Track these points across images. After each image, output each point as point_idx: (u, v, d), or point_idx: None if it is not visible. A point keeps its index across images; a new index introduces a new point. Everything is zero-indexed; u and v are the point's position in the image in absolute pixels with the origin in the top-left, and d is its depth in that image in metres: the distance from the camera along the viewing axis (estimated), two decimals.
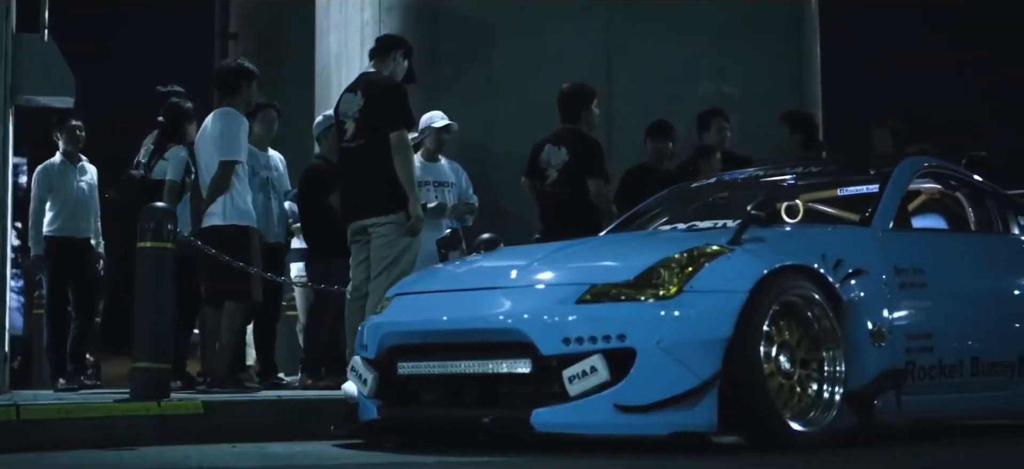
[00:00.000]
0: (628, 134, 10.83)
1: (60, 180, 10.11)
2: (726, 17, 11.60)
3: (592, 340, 5.52)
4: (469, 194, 10.18)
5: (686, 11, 11.50)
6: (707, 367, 5.47)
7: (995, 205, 7.38)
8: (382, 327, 6.24)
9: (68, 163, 10.15)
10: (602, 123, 10.78)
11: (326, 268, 9.32)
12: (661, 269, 5.67)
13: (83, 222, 10.18)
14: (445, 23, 11.14)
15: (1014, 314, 6.94)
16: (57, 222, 10.07)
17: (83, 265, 10.16)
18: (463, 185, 10.17)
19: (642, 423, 5.49)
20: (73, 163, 10.16)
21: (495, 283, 6.11)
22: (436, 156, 10.03)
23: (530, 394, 5.65)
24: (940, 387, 6.41)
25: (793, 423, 5.66)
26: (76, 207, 10.14)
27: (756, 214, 5.98)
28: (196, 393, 8.02)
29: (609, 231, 7.70)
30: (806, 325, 5.87)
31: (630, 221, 7.65)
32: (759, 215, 5.99)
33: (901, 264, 6.36)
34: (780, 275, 5.74)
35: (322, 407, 7.06)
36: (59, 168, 10.15)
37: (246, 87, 9.12)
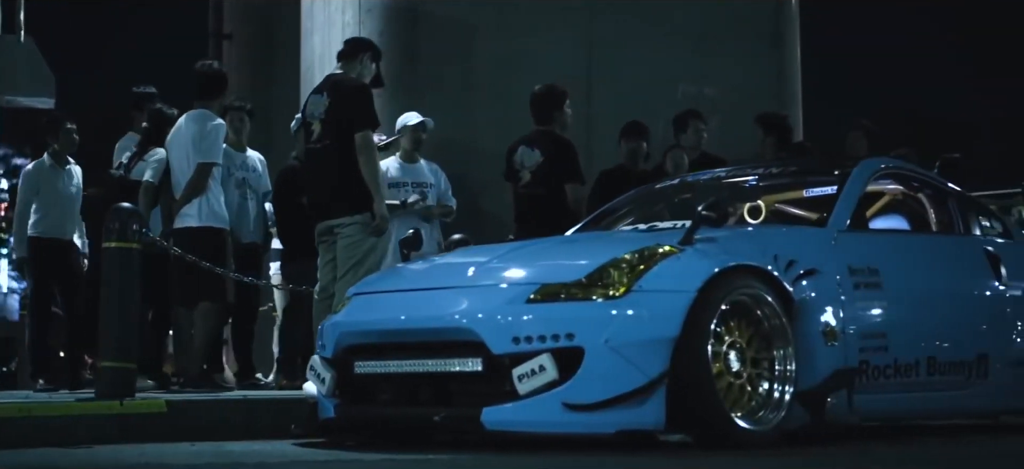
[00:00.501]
0: (608, 135, 10.85)
1: (48, 182, 10.16)
2: (706, 19, 11.65)
3: (541, 339, 5.57)
4: (448, 196, 10.24)
5: (666, 13, 11.56)
6: (654, 366, 5.52)
7: (957, 207, 7.42)
8: (339, 326, 6.30)
9: (56, 165, 10.20)
10: (582, 124, 10.86)
11: (301, 268, 9.36)
12: (611, 269, 5.72)
13: (69, 223, 10.23)
14: (425, 24, 11.20)
15: (971, 314, 6.99)
16: (42, 224, 10.12)
17: (68, 265, 10.22)
18: (442, 187, 10.22)
19: (590, 421, 5.54)
20: (61, 165, 10.21)
21: (450, 283, 6.16)
22: (414, 157, 10.09)
23: (481, 393, 5.71)
24: (895, 386, 6.46)
25: (742, 422, 5.71)
26: (62, 209, 10.20)
27: (706, 214, 6.03)
28: (164, 393, 8.08)
29: (574, 231, 7.74)
30: (757, 324, 5.92)
31: (596, 221, 7.70)
32: (709, 215, 6.03)
33: (856, 265, 6.40)
34: (729, 275, 5.79)
35: (287, 407, 7.11)
36: (48, 170, 10.20)
37: (221, 91, 9.21)
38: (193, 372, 8.79)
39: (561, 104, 9.44)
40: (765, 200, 6.86)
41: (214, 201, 8.88)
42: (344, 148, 7.81)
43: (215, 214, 8.87)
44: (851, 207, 6.73)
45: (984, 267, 7.18)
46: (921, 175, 7.56)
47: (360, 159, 7.77)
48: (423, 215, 9.80)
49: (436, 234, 10.05)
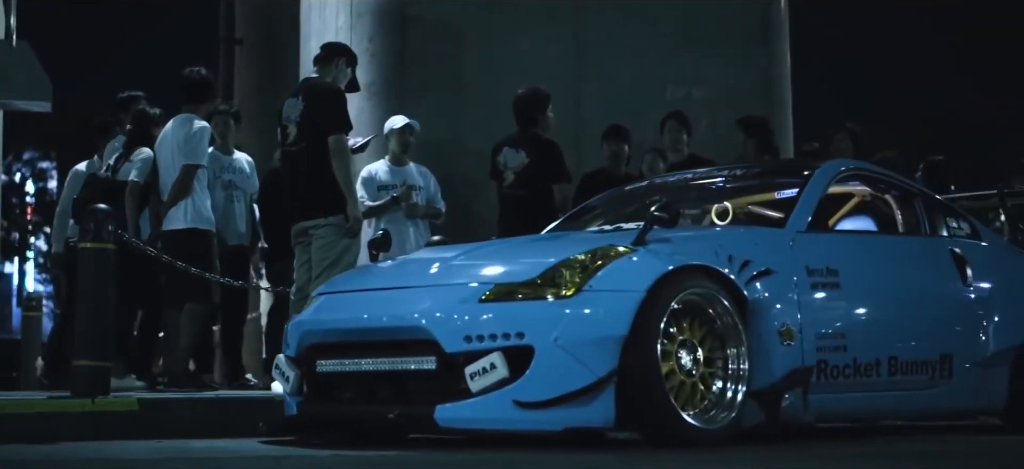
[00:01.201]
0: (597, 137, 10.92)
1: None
2: (694, 21, 11.71)
3: (492, 338, 5.66)
4: (437, 198, 10.34)
5: (654, 14, 11.62)
6: (603, 364, 5.61)
7: (923, 208, 7.48)
8: (302, 326, 6.41)
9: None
10: (571, 126, 10.95)
11: (285, 269, 9.47)
12: (563, 269, 5.81)
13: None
14: (414, 28, 11.30)
15: (935, 314, 7.05)
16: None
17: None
18: (432, 189, 10.33)
19: (540, 419, 5.63)
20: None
21: (409, 282, 6.26)
22: (403, 159, 10.19)
23: (435, 391, 5.80)
24: (855, 386, 6.53)
25: (691, 420, 5.79)
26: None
27: (659, 215, 6.11)
28: (145, 392, 8.20)
29: (546, 231, 7.83)
30: (710, 324, 6.00)
31: (568, 222, 7.79)
32: (661, 216, 6.11)
33: (814, 265, 6.47)
34: (679, 275, 5.87)
35: (258, 405, 7.21)
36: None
37: (211, 96, 9.34)
38: (177, 371, 8.91)
39: (544, 108, 9.55)
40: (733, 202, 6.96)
41: (199, 203, 9.01)
42: (318, 151, 7.93)
43: (200, 216, 9.00)
44: (811, 209, 6.79)
45: (949, 268, 7.24)
46: (887, 177, 7.62)
47: (333, 162, 7.89)
48: (408, 213, 9.90)
49: (425, 236, 10.14)
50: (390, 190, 10.06)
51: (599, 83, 11.44)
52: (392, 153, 10.18)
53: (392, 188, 10.08)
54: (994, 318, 7.26)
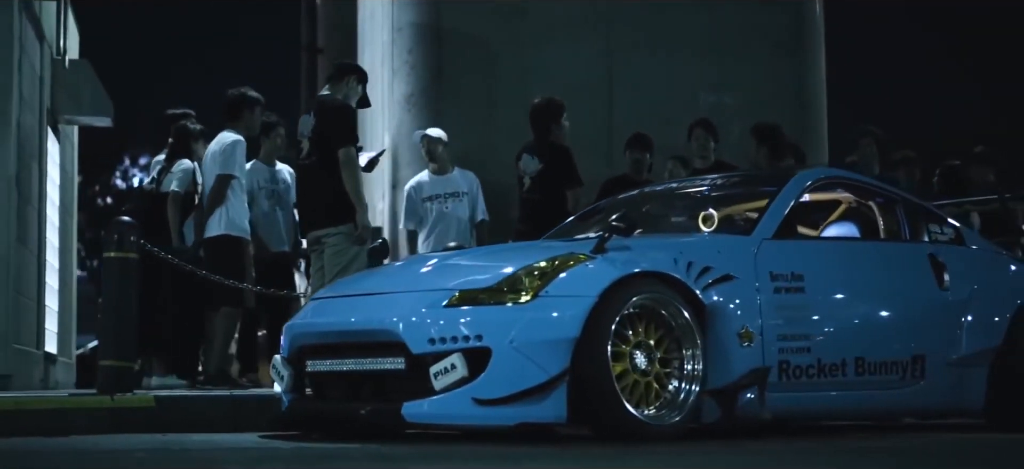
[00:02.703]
0: None
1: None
2: (725, 28, 12.02)
3: (454, 340, 6.09)
4: (479, 202, 10.74)
5: (685, 22, 11.95)
6: (555, 364, 6.00)
7: (905, 214, 7.75)
8: (295, 328, 6.89)
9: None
10: (603, 132, 11.39)
11: None
12: (523, 276, 6.22)
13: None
14: (450, 41, 11.75)
15: (908, 316, 7.32)
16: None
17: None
18: (474, 192, 10.75)
19: (496, 415, 6.04)
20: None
21: (389, 288, 6.71)
22: (446, 167, 10.63)
23: (404, 389, 6.23)
24: (819, 385, 6.84)
25: (642, 416, 6.15)
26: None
27: (617, 225, 6.50)
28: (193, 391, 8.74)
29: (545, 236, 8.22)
30: (667, 327, 6.36)
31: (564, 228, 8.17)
32: (620, 226, 6.50)
33: (778, 270, 6.80)
34: (632, 280, 6.24)
35: (268, 403, 7.69)
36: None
37: (247, 113, 9.90)
38: (211, 371, 9.46)
39: (558, 117, 9.98)
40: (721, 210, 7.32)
41: (234, 211, 9.55)
42: (329, 164, 8.42)
43: (234, 223, 9.54)
44: (779, 217, 7.10)
45: (926, 271, 7.50)
46: (867, 183, 7.92)
47: (343, 174, 8.38)
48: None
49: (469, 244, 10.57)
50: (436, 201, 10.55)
51: (630, 91, 11.80)
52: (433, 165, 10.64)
53: (435, 198, 10.57)
54: (972, 320, 7.51)
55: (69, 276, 12.85)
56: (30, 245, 10.29)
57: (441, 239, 10.21)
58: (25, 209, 10.10)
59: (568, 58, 11.71)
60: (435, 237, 10.33)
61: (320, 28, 20.57)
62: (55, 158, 11.90)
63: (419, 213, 10.56)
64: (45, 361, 11.12)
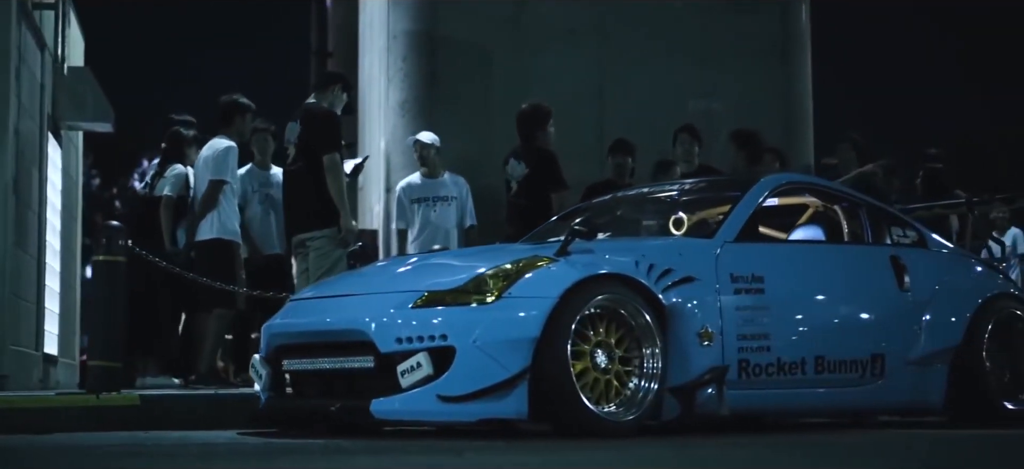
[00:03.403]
0: None
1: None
2: (715, 36, 12.25)
3: (420, 339, 6.34)
4: (469, 208, 10.99)
5: (676, 30, 12.18)
6: (516, 363, 6.24)
7: (868, 217, 7.98)
8: (272, 328, 7.14)
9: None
10: (595, 139, 11.60)
11: None
12: (488, 278, 6.46)
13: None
14: (444, 48, 11.99)
15: (867, 316, 7.56)
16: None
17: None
18: (464, 198, 11.00)
19: (459, 411, 6.28)
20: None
21: (361, 290, 6.97)
22: (436, 171, 10.88)
23: (374, 386, 6.47)
24: (779, 383, 7.08)
25: (601, 413, 6.38)
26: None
27: (579, 229, 6.74)
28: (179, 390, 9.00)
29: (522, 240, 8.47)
30: (628, 327, 6.59)
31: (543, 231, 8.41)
32: (582, 230, 6.74)
33: (738, 272, 7.03)
34: (592, 282, 6.48)
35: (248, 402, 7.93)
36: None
37: (239, 119, 10.17)
38: (202, 370, 9.73)
39: (545, 122, 10.24)
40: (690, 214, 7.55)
41: (225, 216, 9.83)
42: (314, 170, 8.69)
43: (226, 227, 9.82)
44: (742, 220, 7.34)
45: (887, 273, 7.72)
46: (831, 188, 8.15)
47: (327, 179, 8.65)
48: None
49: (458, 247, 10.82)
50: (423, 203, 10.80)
51: (621, 97, 12.03)
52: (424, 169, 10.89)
53: (423, 200, 10.82)
54: (932, 320, 7.73)
55: (72, 279, 13.14)
56: (29, 249, 10.56)
57: (428, 243, 10.47)
58: (25, 214, 10.38)
59: (561, 66, 11.95)
60: (421, 241, 10.58)
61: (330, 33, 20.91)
62: (57, 163, 12.19)
63: (408, 214, 10.81)
64: (45, 362, 11.38)
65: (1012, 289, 8.45)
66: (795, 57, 12.54)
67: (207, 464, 4.92)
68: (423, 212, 10.85)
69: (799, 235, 8.05)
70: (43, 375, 11.22)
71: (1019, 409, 7.95)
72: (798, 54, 12.59)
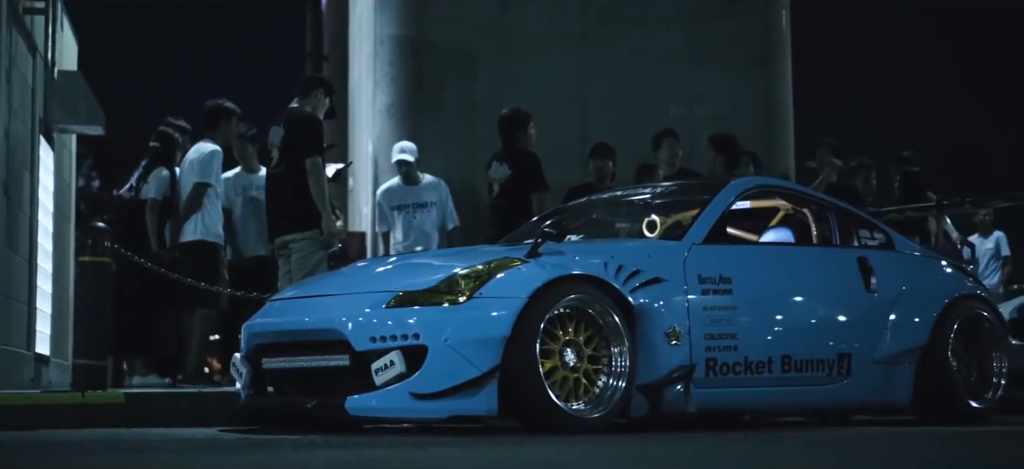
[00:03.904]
0: None
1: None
2: (697, 42, 12.46)
3: (393, 338, 6.53)
4: (449, 210, 11.18)
5: (658, 37, 12.41)
6: (487, 361, 6.44)
7: (836, 220, 8.17)
8: (252, 328, 7.33)
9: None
10: (578, 143, 11.79)
11: None
12: (460, 278, 6.65)
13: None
14: (430, 54, 12.23)
15: (834, 316, 7.76)
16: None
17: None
18: (443, 200, 11.18)
19: (432, 408, 6.48)
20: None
21: (338, 290, 7.16)
22: (413, 178, 11.07)
23: (349, 384, 6.66)
24: (746, 381, 7.27)
25: (569, 409, 6.57)
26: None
27: (549, 231, 6.92)
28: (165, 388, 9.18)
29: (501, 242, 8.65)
30: (597, 326, 6.78)
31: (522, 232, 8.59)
32: (551, 232, 6.93)
33: (706, 274, 7.22)
34: (562, 283, 6.67)
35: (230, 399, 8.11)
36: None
37: (224, 123, 10.37)
38: (188, 370, 9.93)
39: (525, 126, 10.45)
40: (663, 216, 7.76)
41: (209, 218, 10.03)
42: (297, 173, 8.89)
43: (209, 229, 10.03)
44: (710, 223, 7.53)
45: (854, 274, 7.92)
46: (801, 191, 8.35)
47: (310, 182, 8.84)
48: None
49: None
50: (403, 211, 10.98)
51: (605, 102, 12.27)
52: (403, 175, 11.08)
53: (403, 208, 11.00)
54: (899, 320, 7.93)
55: (65, 280, 13.32)
56: (20, 251, 10.75)
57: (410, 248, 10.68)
58: (16, 216, 10.56)
59: (545, 71, 12.17)
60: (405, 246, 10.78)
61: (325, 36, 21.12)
62: (49, 166, 12.37)
63: (389, 219, 11.01)
64: (37, 362, 11.56)
65: (979, 291, 8.64)
66: (776, 62, 12.75)
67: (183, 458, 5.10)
68: (404, 219, 11.04)
69: (769, 237, 8.25)
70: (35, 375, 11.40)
71: (985, 407, 8.16)
72: (779, 59, 12.80)
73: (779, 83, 12.78)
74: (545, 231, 6.94)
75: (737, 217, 8.35)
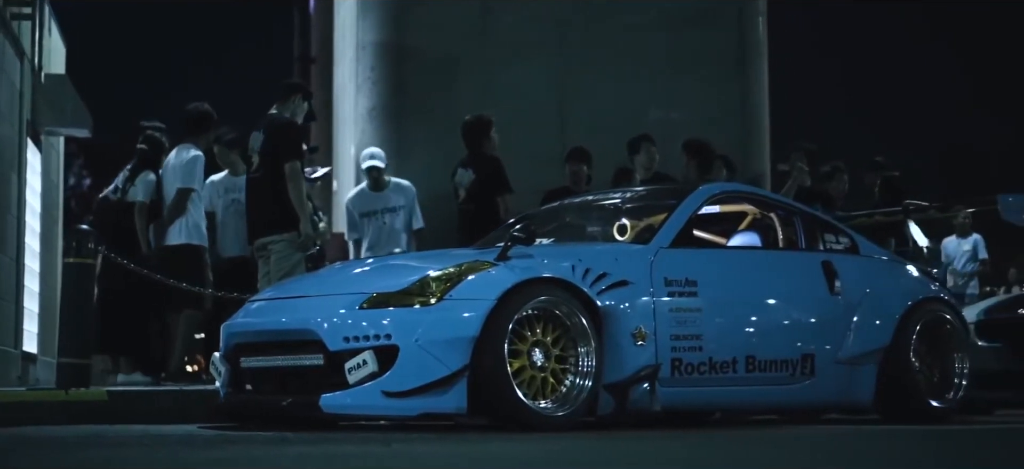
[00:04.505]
0: None
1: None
2: (675, 47, 12.68)
3: (366, 338, 6.75)
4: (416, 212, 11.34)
5: (636, 42, 12.62)
6: (456, 360, 6.66)
7: (802, 225, 8.40)
8: (231, 328, 7.55)
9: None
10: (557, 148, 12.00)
11: None
12: (432, 281, 6.87)
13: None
14: (412, 59, 12.44)
15: (797, 318, 7.98)
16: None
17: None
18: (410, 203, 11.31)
19: (403, 406, 6.70)
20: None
21: (313, 292, 7.38)
22: (380, 184, 11.24)
23: (323, 383, 6.88)
24: (711, 381, 7.49)
25: (538, 408, 6.79)
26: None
27: (518, 236, 7.15)
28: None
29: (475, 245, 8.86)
30: (564, 327, 7.00)
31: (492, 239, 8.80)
32: (521, 237, 7.15)
33: (673, 277, 7.45)
34: (530, 285, 6.89)
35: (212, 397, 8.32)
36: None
37: (206, 129, 10.60)
38: (172, 368, 10.15)
39: (488, 131, 10.74)
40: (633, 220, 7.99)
41: (193, 221, 10.27)
42: (276, 177, 9.13)
43: (193, 232, 10.27)
44: (677, 227, 7.75)
45: (818, 277, 8.14)
46: (767, 197, 8.60)
47: (288, 186, 9.09)
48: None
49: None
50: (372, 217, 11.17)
51: (583, 107, 12.49)
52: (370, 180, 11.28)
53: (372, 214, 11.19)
54: (862, 322, 8.15)
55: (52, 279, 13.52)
56: (8, 251, 10.96)
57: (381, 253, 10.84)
58: (3, 217, 10.77)
59: (524, 76, 12.38)
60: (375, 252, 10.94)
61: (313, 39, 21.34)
62: (36, 168, 12.58)
63: (358, 226, 11.18)
64: (25, 360, 11.77)
65: (942, 294, 8.87)
66: (752, 68, 12.97)
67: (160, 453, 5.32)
68: (374, 225, 11.19)
69: (736, 241, 8.47)
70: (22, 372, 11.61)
71: (945, 406, 8.39)
72: (755, 65, 13.02)
73: (755, 88, 13.00)
74: (514, 235, 7.15)
75: (708, 221, 8.59)
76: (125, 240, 10.41)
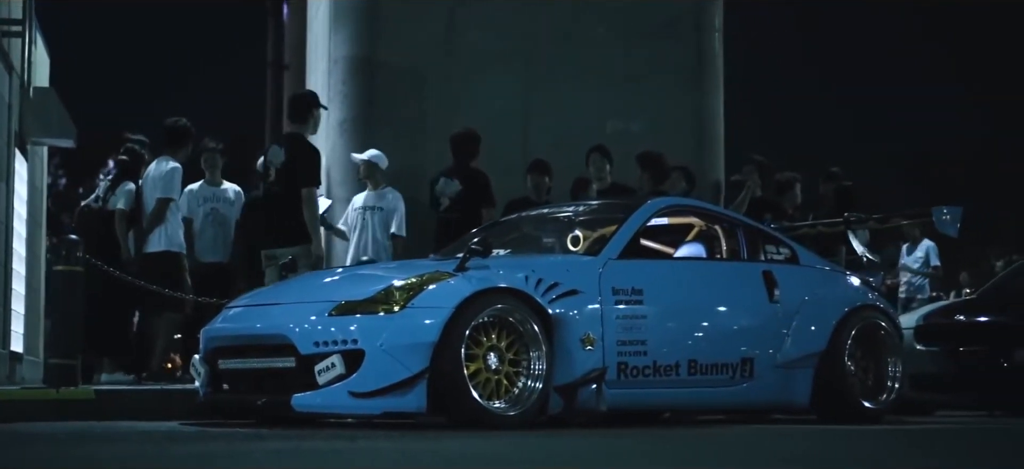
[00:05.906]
0: None
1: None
2: (634, 60, 13.20)
3: (334, 343, 7.32)
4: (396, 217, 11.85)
5: (597, 56, 13.14)
6: (417, 363, 7.24)
7: (744, 236, 9.00)
8: (210, 332, 8.12)
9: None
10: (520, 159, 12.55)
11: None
12: (396, 289, 7.45)
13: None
14: (382, 73, 12.94)
15: (737, 324, 8.59)
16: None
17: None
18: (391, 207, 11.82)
19: (367, 405, 7.28)
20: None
21: (287, 299, 7.95)
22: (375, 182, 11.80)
23: (295, 384, 7.45)
24: (655, 383, 8.09)
25: (492, 408, 7.37)
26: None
27: (476, 248, 7.72)
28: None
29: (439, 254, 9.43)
30: (517, 333, 7.58)
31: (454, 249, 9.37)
32: (478, 249, 7.73)
33: (620, 286, 8.04)
34: (486, 294, 7.47)
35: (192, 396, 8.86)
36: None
37: (185, 141, 11.18)
38: (153, 368, 10.71)
39: (477, 144, 11.33)
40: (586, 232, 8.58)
41: (172, 230, 10.86)
42: (293, 194, 10.05)
43: (172, 240, 10.87)
44: (625, 240, 8.35)
45: (758, 286, 8.75)
46: (712, 210, 9.22)
47: (304, 209, 9.99)
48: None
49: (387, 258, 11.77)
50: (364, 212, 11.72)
51: (545, 118, 13.00)
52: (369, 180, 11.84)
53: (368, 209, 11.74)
54: (799, 328, 8.76)
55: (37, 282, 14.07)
56: None
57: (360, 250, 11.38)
58: None
59: (489, 89, 12.91)
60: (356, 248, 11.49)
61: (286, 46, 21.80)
62: (23, 176, 13.11)
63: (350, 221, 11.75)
64: (12, 359, 12.30)
65: (879, 302, 9.47)
66: (708, 80, 13.50)
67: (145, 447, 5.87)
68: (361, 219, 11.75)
69: (683, 252, 9.07)
70: (9, 371, 12.14)
71: (878, 408, 9.00)
72: (711, 78, 13.54)
73: (711, 100, 13.50)
74: (472, 248, 7.73)
75: (658, 232, 9.20)
76: (106, 247, 10.96)
